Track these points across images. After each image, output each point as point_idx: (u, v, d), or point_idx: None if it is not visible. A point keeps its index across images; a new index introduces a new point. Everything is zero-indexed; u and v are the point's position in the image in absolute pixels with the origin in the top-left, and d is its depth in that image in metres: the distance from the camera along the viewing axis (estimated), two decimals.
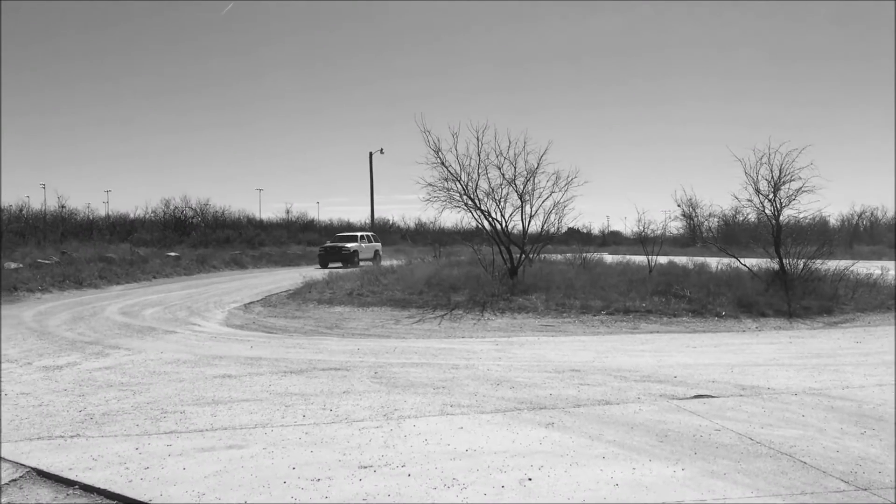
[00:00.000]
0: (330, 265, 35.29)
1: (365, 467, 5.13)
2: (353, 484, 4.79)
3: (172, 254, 35.03)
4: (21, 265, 24.69)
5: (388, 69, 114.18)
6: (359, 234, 39.74)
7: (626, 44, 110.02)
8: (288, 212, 61.17)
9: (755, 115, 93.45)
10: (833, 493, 4.60)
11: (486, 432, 6.02)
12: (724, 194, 54.20)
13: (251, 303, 18.34)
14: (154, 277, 28.07)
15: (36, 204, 58.73)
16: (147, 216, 49.88)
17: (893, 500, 4.53)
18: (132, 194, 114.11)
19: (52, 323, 14.48)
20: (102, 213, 52.38)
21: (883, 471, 5.03)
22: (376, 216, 54.77)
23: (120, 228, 44.61)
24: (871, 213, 53.19)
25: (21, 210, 42.95)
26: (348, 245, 37.02)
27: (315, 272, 23.04)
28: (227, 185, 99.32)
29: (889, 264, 22.00)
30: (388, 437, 5.88)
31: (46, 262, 26.56)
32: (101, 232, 42.24)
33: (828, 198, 51.40)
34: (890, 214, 52.90)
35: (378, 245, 40.38)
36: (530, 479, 4.85)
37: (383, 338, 12.16)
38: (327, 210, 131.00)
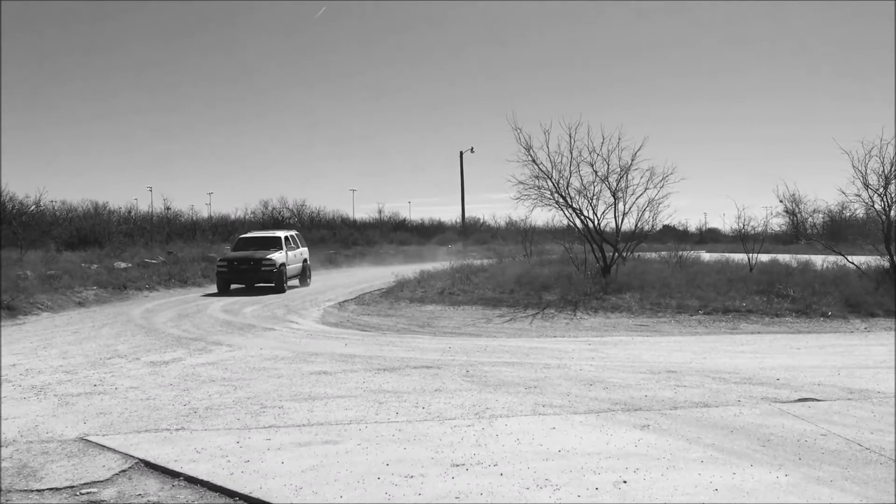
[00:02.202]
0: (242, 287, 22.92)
1: (457, 465, 5.15)
2: (446, 482, 4.82)
3: None
4: (130, 265, 25.95)
5: (479, 67, 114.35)
6: (282, 234, 24.47)
7: (727, 36, 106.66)
8: (380, 212, 62.07)
9: (864, 110, 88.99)
10: None
11: (579, 433, 5.95)
12: (830, 189, 51.85)
13: (345, 301, 18.72)
14: None
15: (143, 206, 61.61)
16: (247, 217, 51.55)
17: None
18: (233, 196, 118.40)
19: (159, 320, 15.15)
20: (205, 214, 54.42)
21: None
22: (467, 215, 54.87)
23: (221, 229, 46.24)
24: None
25: (129, 212, 45.13)
26: (271, 256, 22.27)
27: (406, 270, 23.26)
28: (322, 186, 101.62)
29: None
30: (479, 436, 5.88)
31: (153, 261, 27.83)
32: (203, 233, 43.92)
33: None
34: None
35: (305, 251, 25.80)
36: (625, 482, 4.76)
37: (474, 336, 12.19)
38: (419, 210, 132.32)
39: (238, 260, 22.20)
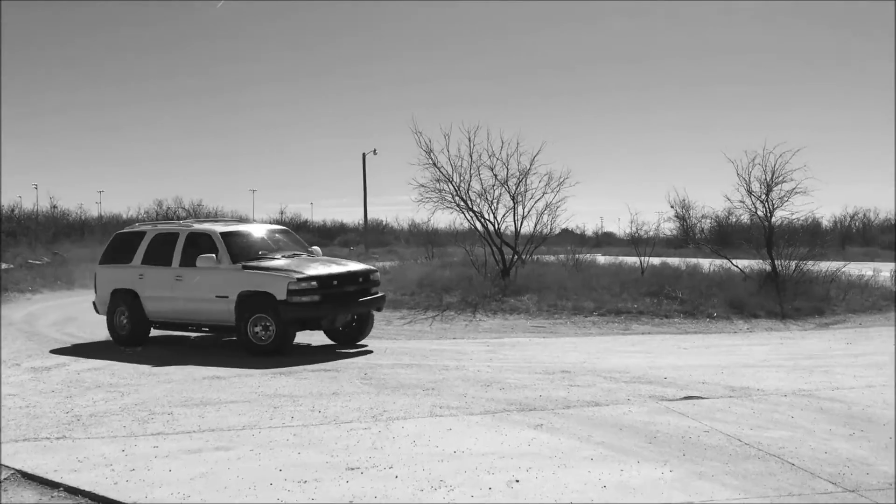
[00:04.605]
0: None
1: (352, 469, 5.11)
2: (340, 486, 4.77)
3: None
4: (12, 266, 24.58)
5: (382, 70, 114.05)
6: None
7: (621, 48, 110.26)
8: (281, 212, 61.13)
9: (749, 118, 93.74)
10: (821, 495, 4.60)
11: (474, 434, 6.00)
12: (718, 196, 54.24)
13: None
14: None
15: (28, 204, 58.55)
16: (140, 217, 49.74)
17: (894, 501, 4.54)
18: (125, 195, 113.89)
19: (42, 324, 14.41)
20: (95, 213, 52.23)
21: (871, 472, 5.02)
22: (370, 217, 54.61)
23: (112, 229, 44.28)
24: (864, 215, 53.35)
25: (13, 210, 42.82)
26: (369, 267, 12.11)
27: None
28: (220, 186, 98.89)
29: (882, 265, 22.04)
30: (376, 439, 5.86)
31: (37, 262, 26.47)
32: (93, 233, 42.08)
33: (821, 199, 51.53)
34: (882, 216, 53.01)
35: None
36: (518, 481, 4.83)
37: (374, 339, 12.12)
38: (321, 211, 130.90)
39: (339, 278, 10.86)
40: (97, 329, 12.52)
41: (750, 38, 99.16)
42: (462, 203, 18.84)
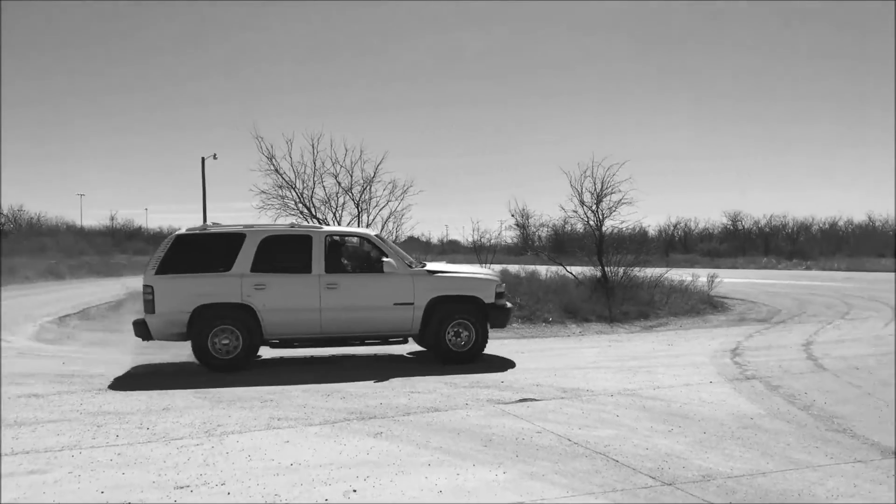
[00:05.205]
0: None
1: (181, 487, 4.89)
2: None
3: None
4: None
5: (223, 72, 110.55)
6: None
7: (471, 60, 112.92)
8: (112, 219, 57.85)
9: (583, 130, 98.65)
10: (641, 490, 4.88)
11: (312, 445, 5.91)
12: (556, 206, 56.77)
13: (67, 315, 17.10)
14: None
15: None
16: None
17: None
18: None
19: None
20: None
21: (686, 466, 5.38)
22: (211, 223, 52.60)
23: None
24: (685, 224, 57.64)
25: None
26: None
27: (141, 283, 21.75)
28: (43, 189, 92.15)
29: (700, 271, 23.80)
30: (208, 455, 5.64)
31: None
32: None
33: (645, 210, 55.09)
34: (701, 226, 57.53)
35: None
36: (355, 491, 4.80)
37: None
38: (157, 217, 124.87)
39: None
40: None
41: (575, 52, 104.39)
42: (305, 210, 18.63)
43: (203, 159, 46.97)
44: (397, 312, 9.97)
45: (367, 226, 19.39)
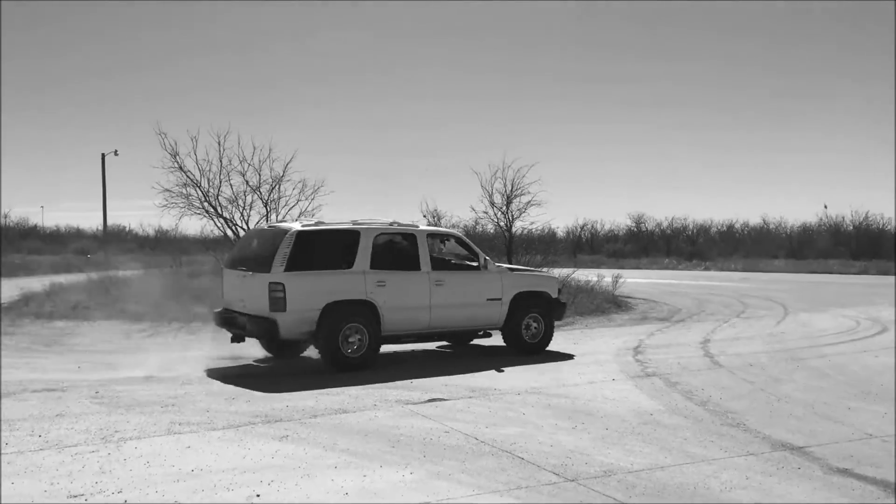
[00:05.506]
0: None
1: (75, 497, 4.69)
2: None
3: None
4: None
5: (127, 64, 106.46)
6: None
7: (367, 55, 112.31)
8: (5, 216, 54.85)
9: (495, 133, 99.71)
10: (545, 486, 4.97)
11: (215, 450, 5.77)
12: (467, 206, 57.13)
13: None
14: None
15: None
16: None
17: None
18: None
19: None
20: None
21: (589, 462, 5.51)
22: (113, 223, 50.70)
23: None
24: (592, 226, 59.19)
25: None
26: None
27: (35, 283, 20.74)
28: None
29: (605, 272, 24.44)
30: (104, 462, 5.42)
31: None
32: None
33: (554, 212, 56.16)
34: (607, 227, 59.12)
35: None
36: (258, 496, 4.71)
37: (109, 353, 11.27)
38: (54, 216, 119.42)
39: None
40: None
41: (507, 57, 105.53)
42: (212, 209, 18.20)
43: (103, 156, 45.29)
44: (489, 308, 10.61)
45: None
